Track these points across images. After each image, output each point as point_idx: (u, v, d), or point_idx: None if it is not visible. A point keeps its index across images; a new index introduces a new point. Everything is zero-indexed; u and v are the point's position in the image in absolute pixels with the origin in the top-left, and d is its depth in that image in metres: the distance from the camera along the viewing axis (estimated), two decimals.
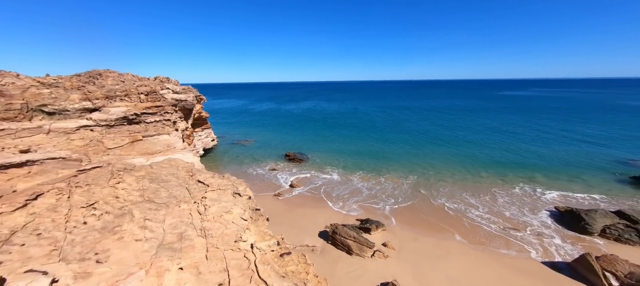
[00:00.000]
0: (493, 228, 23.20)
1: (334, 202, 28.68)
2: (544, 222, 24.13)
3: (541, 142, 52.19)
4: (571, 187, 31.33)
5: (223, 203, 11.50)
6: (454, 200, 28.62)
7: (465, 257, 18.79)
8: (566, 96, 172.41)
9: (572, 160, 41.07)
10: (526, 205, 27.34)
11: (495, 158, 42.54)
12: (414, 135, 59.69)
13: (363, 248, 19.17)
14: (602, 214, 23.23)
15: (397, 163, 40.45)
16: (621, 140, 53.66)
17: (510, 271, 17.40)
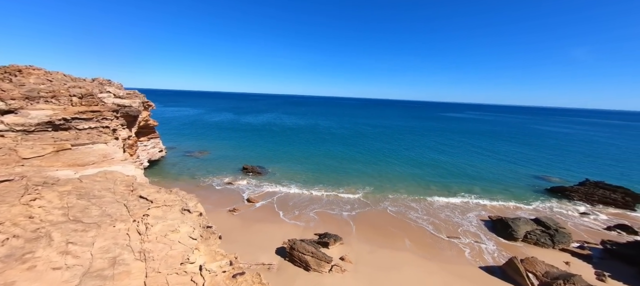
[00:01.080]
0: (439, 237, 25.14)
1: (292, 216, 28.16)
2: (479, 231, 27.00)
3: (476, 159, 59.17)
4: (501, 198, 35.85)
5: (169, 221, 10.40)
6: (406, 210, 30.47)
7: (415, 267, 19.87)
8: (494, 119, 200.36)
9: (501, 175, 47.29)
10: (465, 216, 30.37)
11: (440, 173, 46.80)
12: (371, 152, 62.59)
13: (321, 263, 19.00)
14: (524, 221, 26.92)
15: (355, 177, 41.73)
16: (537, 159, 63.85)
17: (453, 278, 18.88)
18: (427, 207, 31.97)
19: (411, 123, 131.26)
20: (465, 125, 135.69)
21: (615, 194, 36.45)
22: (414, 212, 30.47)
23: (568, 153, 72.58)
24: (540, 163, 57.31)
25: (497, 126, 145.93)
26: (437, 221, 28.55)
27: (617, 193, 36.61)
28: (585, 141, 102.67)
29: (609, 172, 52.66)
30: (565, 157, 68.00)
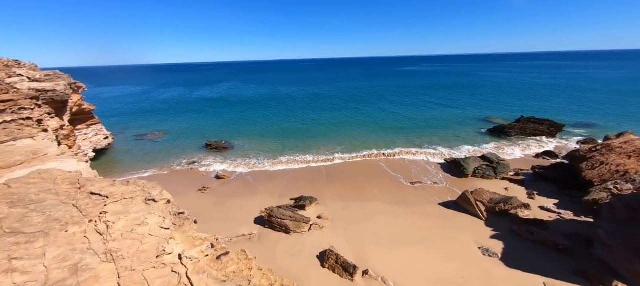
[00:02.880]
0: (404, 184, 27.48)
1: (266, 186, 28.12)
2: (438, 173, 30.03)
3: (432, 111, 63.68)
4: (454, 142, 39.76)
5: (133, 214, 9.53)
6: (374, 164, 32.36)
7: (385, 214, 21.71)
8: (444, 70, 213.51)
9: (453, 123, 51.94)
10: (426, 162, 33.31)
11: (401, 127, 49.71)
12: (335, 114, 63.20)
13: (300, 225, 19.71)
14: (472, 160, 30.44)
15: (323, 140, 42.31)
16: (480, 103, 70.89)
17: (417, 217, 21.14)
18: (393, 159, 34.22)
19: (370, 82, 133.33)
20: (420, 79, 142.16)
21: (543, 126, 42.68)
22: (382, 165, 32.47)
23: (505, 95, 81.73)
24: (483, 107, 63.86)
25: (448, 77, 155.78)
26: (402, 170, 30.92)
27: (544, 125, 42.89)
28: (519, 82, 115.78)
29: (537, 108, 60.89)
30: (503, 98, 76.55)
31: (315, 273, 15.49)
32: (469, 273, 15.04)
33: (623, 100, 67.52)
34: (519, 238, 18.01)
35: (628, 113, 54.49)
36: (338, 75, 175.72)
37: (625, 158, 24.16)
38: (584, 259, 15.83)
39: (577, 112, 56.69)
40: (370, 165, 32.70)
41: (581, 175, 24.35)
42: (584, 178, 23.94)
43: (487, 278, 14.68)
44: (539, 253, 16.56)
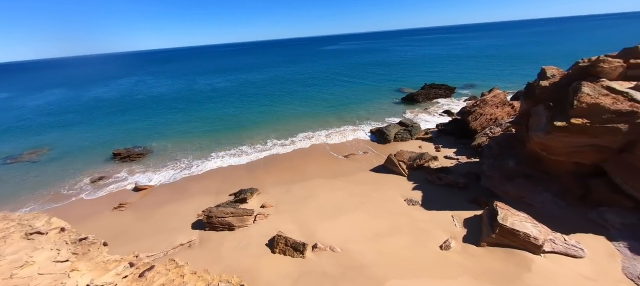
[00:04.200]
0: (339, 158, 29.44)
1: (199, 186, 25.96)
2: (366, 143, 33.16)
3: (354, 89, 68.38)
4: (377, 113, 44.20)
5: (9, 256, 7.60)
6: (310, 145, 33.40)
7: (325, 189, 23.05)
8: (363, 47, 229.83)
9: (375, 96, 57.19)
10: (355, 135, 36.18)
11: (331, 106, 52.07)
12: (262, 101, 61.39)
13: (243, 218, 19.18)
14: (393, 126, 34.61)
15: (254, 129, 40.93)
16: (394, 76, 79.74)
17: (353, 186, 23.21)
18: (326, 137, 35.87)
19: (295, 66, 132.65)
20: (342, 59, 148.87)
21: (440, 90, 51.23)
22: (317, 144, 33.77)
23: (411, 67, 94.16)
24: (396, 80, 72.15)
25: (365, 54, 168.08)
26: (336, 146, 32.89)
27: (441, 89, 51.53)
28: (419, 55, 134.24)
29: (435, 75, 72.20)
30: (409, 70, 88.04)
31: (266, 260, 15.59)
32: (399, 223, 17.63)
33: (491, 63, 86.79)
34: (432, 184, 21.85)
35: (496, 72, 70.54)
36: (259, 61, 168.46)
37: (495, 108, 31.42)
38: (476, 190, 20.41)
39: (462, 75, 70.03)
40: (307, 145, 33.65)
41: (469, 126, 30.63)
42: (471, 128, 30.23)
43: (412, 223, 17.51)
44: (446, 193, 20.52)
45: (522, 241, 14.01)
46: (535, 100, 19.12)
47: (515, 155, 20.04)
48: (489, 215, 15.78)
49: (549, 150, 17.08)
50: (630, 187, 14.61)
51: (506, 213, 14.91)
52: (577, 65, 17.65)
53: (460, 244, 15.32)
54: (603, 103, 14.56)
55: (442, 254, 14.79)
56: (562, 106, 15.97)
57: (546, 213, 16.35)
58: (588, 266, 12.94)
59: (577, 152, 16.20)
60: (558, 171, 17.67)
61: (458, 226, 16.76)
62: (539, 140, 16.97)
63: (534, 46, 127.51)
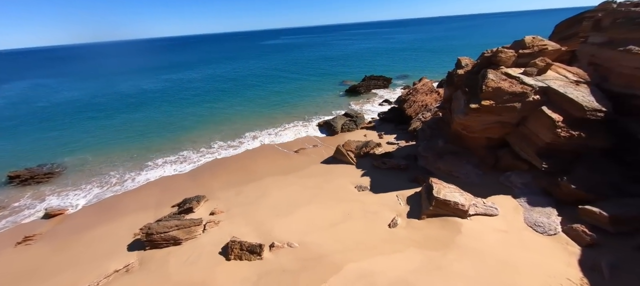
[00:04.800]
0: (289, 154, 29.35)
1: (135, 202, 22.92)
2: (316, 136, 33.76)
3: (291, 82, 68.53)
4: (322, 107, 45.19)
5: None
6: (256, 143, 32.43)
7: (278, 186, 22.79)
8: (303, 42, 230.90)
9: (318, 88, 58.25)
10: (304, 129, 36.44)
11: (278, 100, 51.26)
12: (202, 97, 56.97)
13: (191, 229, 17.71)
14: (339, 118, 35.95)
15: (194, 132, 37.72)
16: (335, 68, 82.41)
17: (305, 179, 23.52)
18: (275, 134, 35.25)
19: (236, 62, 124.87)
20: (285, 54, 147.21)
21: (379, 81, 55.13)
22: (266, 142, 32.95)
23: (351, 60, 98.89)
24: (338, 73, 74.83)
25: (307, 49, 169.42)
26: (286, 142, 32.62)
27: (380, 80, 55.48)
28: (358, 49, 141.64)
29: (373, 67, 77.11)
30: (350, 63, 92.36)
31: (221, 269, 14.75)
32: (351, 209, 18.58)
33: (419, 55, 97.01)
34: (378, 169, 23.56)
35: (423, 63, 79.14)
36: (192, 58, 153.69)
37: (424, 95, 35.27)
38: (415, 169, 22.75)
39: (396, 67, 76.57)
40: (256, 144, 32.57)
41: (405, 113, 33.79)
42: (407, 115, 33.40)
43: (363, 207, 18.66)
44: (391, 176, 22.38)
45: (453, 209, 16.25)
46: (454, 87, 22.11)
47: (443, 136, 22.95)
48: (426, 191, 17.81)
49: (467, 128, 20.03)
50: (525, 153, 18.21)
51: (439, 187, 17.04)
52: (483, 56, 20.97)
53: (406, 220, 16.98)
54: (503, 86, 17.68)
55: (391, 231, 16.17)
56: (475, 91, 18.84)
57: (469, 182, 19.25)
58: (501, 221, 15.77)
59: (488, 128, 19.41)
60: (475, 146, 20.92)
61: (402, 205, 18.51)
62: (460, 121, 19.75)
63: (451, 40, 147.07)
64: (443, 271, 12.92)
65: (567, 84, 17.46)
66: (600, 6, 21.42)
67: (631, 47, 16.00)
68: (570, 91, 16.78)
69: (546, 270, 12.39)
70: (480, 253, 13.68)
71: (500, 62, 19.78)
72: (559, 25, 26.27)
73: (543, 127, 17.00)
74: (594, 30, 20.51)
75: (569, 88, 17.09)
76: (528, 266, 12.70)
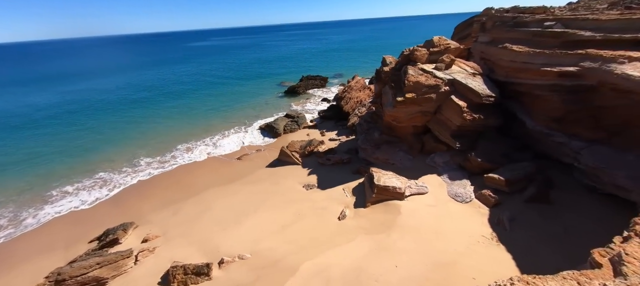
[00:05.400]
0: (231, 161, 27.80)
1: (35, 245, 18.35)
2: (259, 140, 32.78)
3: (236, 85, 65.42)
4: (262, 110, 44.12)
5: None
6: (191, 153, 29.68)
7: (223, 197, 21.38)
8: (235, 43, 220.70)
9: (256, 91, 56.68)
10: (245, 133, 34.98)
11: (214, 106, 47.76)
12: (122, 111, 49.09)
13: (118, 264, 15.20)
14: (281, 120, 35.68)
15: (115, 149, 32.33)
16: (274, 70, 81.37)
17: (251, 186, 22.68)
18: (214, 143, 32.81)
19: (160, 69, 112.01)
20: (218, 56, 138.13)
21: (317, 81, 56.68)
22: (204, 152, 30.39)
23: (288, 61, 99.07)
24: (276, 74, 74.15)
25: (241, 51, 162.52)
26: (226, 149, 30.70)
27: (317, 79, 57.08)
28: (293, 49, 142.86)
29: (309, 68, 78.80)
30: (287, 64, 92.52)
31: None
32: (301, 208, 18.72)
33: (350, 54, 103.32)
34: (323, 166, 24.29)
35: (355, 62, 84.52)
36: (105, 63, 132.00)
37: (358, 92, 37.81)
38: (357, 162, 24.24)
39: (331, 66, 80.00)
40: (187, 154, 29.73)
41: (343, 110, 35.62)
42: (345, 111, 35.28)
43: (313, 205, 19.02)
44: (336, 170, 23.35)
45: (392, 193, 17.94)
46: (383, 83, 24.35)
47: (378, 128, 25.06)
48: (368, 180, 19.20)
49: (397, 119, 22.33)
50: (443, 136, 21.31)
51: (379, 175, 18.58)
52: (402, 54, 23.64)
53: (353, 210, 17.99)
54: (421, 80, 20.29)
55: (340, 224, 16.91)
56: (399, 85, 21.12)
57: (403, 167, 21.52)
58: (430, 197, 18.13)
59: (413, 117, 22.01)
60: (404, 134, 23.49)
61: (349, 196, 19.54)
62: (390, 113, 21.87)
63: (376, 40, 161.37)
64: (389, 251, 14.18)
65: (467, 76, 21.09)
66: (483, 12, 26.50)
67: (506, 44, 20.30)
68: (470, 82, 20.33)
69: (467, 232, 14.82)
70: (417, 228, 15.48)
71: (417, 59, 22.61)
72: (457, 27, 31.51)
73: (453, 112, 20.17)
74: (481, 32, 25.27)
75: (469, 79, 20.68)
76: (454, 231, 14.96)
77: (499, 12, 24.46)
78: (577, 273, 4.68)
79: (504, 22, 22.61)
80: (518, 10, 23.80)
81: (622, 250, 4.78)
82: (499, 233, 14.56)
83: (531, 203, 15.97)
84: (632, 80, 13.16)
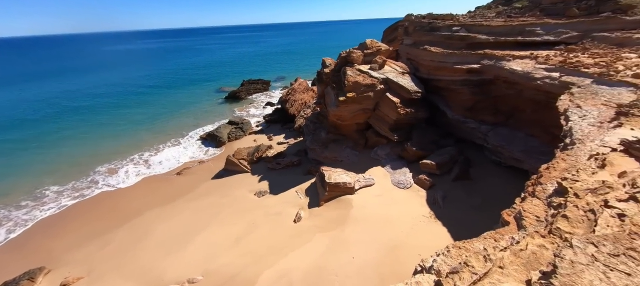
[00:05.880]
0: (171, 177, 25.11)
1: None
2: (201, 152, 30.35)
3: (170, 93, 59.17)
4: (202, 118, 40.94)
5: None
6: (127, 172, 25.81)
7: (163, 218, 19.19)
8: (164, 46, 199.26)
9: (194, 99, 52.32)
10: (183, 146, 31.96)
11: (145, 118, 42.11)
12: (18, 132, 39.31)
13: None
14: (223, 127, 33.70)
15: (13, 179, 25.73)
16: (212, 75, 76.32)
17: (196, 202, 20.94)
18: (146, 161, 29.04)
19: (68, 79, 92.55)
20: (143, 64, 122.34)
21: (259, 85, 55.32)
22: (135, 170, 26.65)
23: (226, 66, 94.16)
24: (214, 79, 69.84)
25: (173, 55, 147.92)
26: (163, 165, 27.52)
27: (259, 83, 55.74)
28: (232, 53, 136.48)
29: (250, 72, 76.56)
30: (225, 69, 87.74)
31: None
32: (255, 217, 18.12)
33: (291, 57, 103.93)
34: (274, 170, 23.94)
35: (296, 65, 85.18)
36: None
37: (302, 94, 38.36)
38: (307, 163, 24.59)
39: (272, 69, 79.09)
40: (117, 178, 25.73)
41: (289, 112, 35.65)
42: (291, 114, 35.36)
43: (266, 212, 18.59)
44: (287, 173, 23.26)
45: (343, 189, 18.81)
46: (325, 84, 25.28)
47: (324, 128, 25.89)
48: (319, 179, 19.71)
49: (341, 118, 23.48)
50: (382, 131, 23.28)
51: (330, 173, 19.26)
52: (340, 56, 24.96)
53: (308, 211, 18.22)
54: (359, 80, 21.78)
55: (296, 226, 16.96)
56: (340, 86, 22.27)
57: (350, 162, 22.75)
58: (377, 188, 19.63)
59: (355, 115, 23.45)
60: (349, 131, 24.84)
61: (302, 198, 19.71)
62: (334, 113, 22.87)
63: (314, 43, 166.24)
64: (345, 244, 14.85)
65: (398, 75, 23.50)
66: (405, 18, 29.83)
67: (426, 46, 23.33)
68: (401, 79, 22.70)
69: (410, 214, 16.54)
70: (368, 219, 16.59)
71: (353, 61, 24.16)
72: (385, 31, 34.74)
73: (389, 108, 22.23)
74: (405, 35, 28.43)
75: (400, 77, 23.07)
76: (400, 216, 16.53)
77: (417, 18, 27.89)
78: (493, 233, 5.79)
79: (422, 27, 25.90)
80: (432, 16, 27.52)
81: (521, 208, 6.10)
82: (435, 211, 16.66)
83: (457, 181, 18.73)
84: (516, 73, 16.63)
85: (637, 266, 3.18)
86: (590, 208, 4.65)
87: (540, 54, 17.22)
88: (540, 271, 3.32)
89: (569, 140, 8.67)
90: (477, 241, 5.37)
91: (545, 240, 4.08)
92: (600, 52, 15.41)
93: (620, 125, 8.24)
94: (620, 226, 3.91)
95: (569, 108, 10.64)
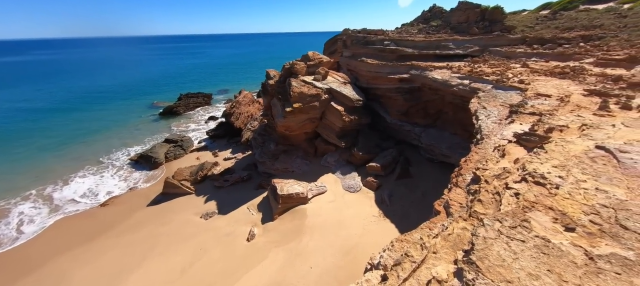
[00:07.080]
0: (92, 209, 21.38)
1: None
2: (131, 175, 26.65)
3: (89, 111, 50.65)
4: (136, 138, 36.14)
5: None
6: (23, 209, 20.89)
7: (84, 263, 16.16)
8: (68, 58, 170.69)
9: (121, 116, 45.85)
10: (111, 170, 27.63)
11: (57, 142, 34.80)
12: None
13: None
14: (159, 146, 30.39)
15: None
16: (142, 89, 68.24)
17: (130, 234, 18.31)
18: (58, 193, 24.11)
19: None
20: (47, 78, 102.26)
21: (199, 98, 51.74)
22: (44, 208, 21.83)
23: (160, 78, 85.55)
24: (145, 93, 62.53)
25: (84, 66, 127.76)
26: (82, 196, 23.22)
27: (200, 97, 52.15)
28: (165, 64, 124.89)
29: (189, 84, 71.24)
30: (159, 81, 79.71)
31: None
32: (203, 242, 16.68)
33: (233, 69, 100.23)
34: (221, 188, 22.51)
35: (239, 77, 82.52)
36: None
37: (248, 106, 37.29)
38: (257, 177, 23.81)
39: (213, 82, 75.00)
40: (8, 220, 20.74)
41: (234, 126, 34.17)
42: (236, 127, 33.95)
43: (215, 235, 17.30)
44: (236, 190, 22.12)
45: (297, 199, 18.77)
46: (270, 95, 25.14)
47: (273, 139, 25.58)
48: (272, 192, 19.29)
49: (289, 129, 23.56)
50: (330, 138, 24.15)
51: (282, 185, 19.02)
52: (284, 68, 25.24)
53: (262, 227, 17.59)
54: (304, 91, 22.30)
55: (250, 245, 16.19)
56: (286, 97, 22.43)
57: (302, 172, 22.89)
58: (330, 195, 20.15)
59: (303, 125, 23.83)
60: (299, 141, 25.06)
61: (255, 214, 18.96)
62: (282, 124, 22.84)
63: (256, 54, 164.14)
64: (302, 255, 14.77)
65: (340, 85, 24.84)
66: (343, 32, 31.90)
67: (363, 58, 25.32)
68: (343, 89, 24.04)
69: (362, 216, 17.40)
70: (323, 225, 16.86)
71: (297, 72, 24.69)
72: (326, 44, 36.47)
73: (335, 116, 23.26)
74: (344, 48, 30.35)
75: (342, 87, 24.41)
76: (352, 218, 17.24)
77: (354, 33, 30.11)
78: (428, 223, 6.57)
79: (358, 41, 28.06)
80: (366, 31, 30.06)
81: (448, 198, 7.07)
82: (383, 209, 17.89)
83: (399, 180, 20.51)
84: (438, 81, 19.28)
85: (528, 233, 4.01)
86: (497, 191, 5.69)
87: (453, 65, 20.35)
88: (463, 250, 3.92)
89: (480, 136, 10.43)
90: (416, 232, 6.01)
91: (467, 222, 4.82)
92: (496, 63, 19.02)
93: (513, 121, 10.30)
94: (517, 203, 4.88)
95: (477, 109, 12.80)
